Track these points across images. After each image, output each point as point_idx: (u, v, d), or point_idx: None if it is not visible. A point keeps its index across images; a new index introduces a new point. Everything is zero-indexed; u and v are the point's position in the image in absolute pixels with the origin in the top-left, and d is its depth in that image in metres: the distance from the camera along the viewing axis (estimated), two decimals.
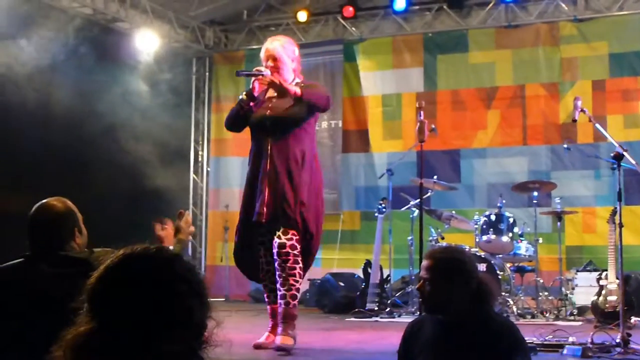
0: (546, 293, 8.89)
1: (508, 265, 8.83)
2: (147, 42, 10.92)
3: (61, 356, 1.69)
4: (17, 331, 3.16)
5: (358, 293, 9.56)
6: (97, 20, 10.41)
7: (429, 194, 9.46)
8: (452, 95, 11.38)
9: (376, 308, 9.14)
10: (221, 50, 12.86)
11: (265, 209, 5.80)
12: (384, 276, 9.50)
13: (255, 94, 5.97)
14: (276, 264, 5.80)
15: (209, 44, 12.69)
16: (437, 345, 3.77)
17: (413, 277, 9.29)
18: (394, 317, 8.85)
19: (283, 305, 5.80)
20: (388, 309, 9.08)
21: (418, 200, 8.63)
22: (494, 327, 3.76)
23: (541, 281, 8.93)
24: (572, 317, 8.42)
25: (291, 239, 5.80)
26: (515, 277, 8.93)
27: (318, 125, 11.97)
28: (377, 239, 9.54)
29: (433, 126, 8.70)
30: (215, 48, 12.81)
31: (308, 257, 6.06)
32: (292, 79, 5.99)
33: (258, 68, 6.00)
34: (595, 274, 8.50)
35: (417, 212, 9.25)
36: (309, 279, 10.89)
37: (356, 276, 10.01)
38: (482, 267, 8.38)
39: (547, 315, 8.52)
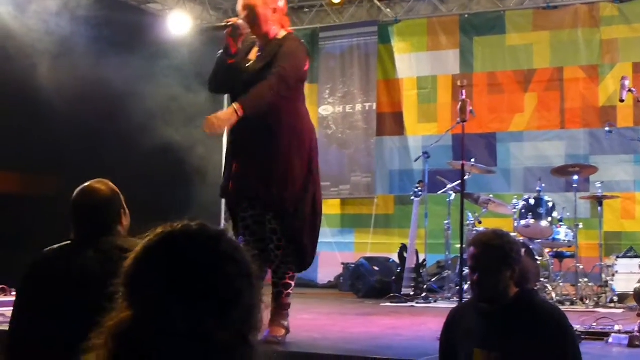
0: (586, 279, 8.74)
1: (547, 250, 8.70)
2: (180, 23, 10.83)
3: (102, 345, 1.57)
4: (59, 318, 3.08)
5: (393, 278, 9.46)
6: (127, 2, 10.34)
7: (465, 177, 9.33)
8: (489, 77, 11.23)
9: (412, 293, 9.06)
10: None
11: (232, 185, 5.35)
12: (420, 261, 9.38)
13: (233, 50, 5.24)
14: (270, 250, 5.32)
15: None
16: (481, 332, 3.69)
17: (449, 262, 9.20)
18: (430, 303, 8.78)
19: (284, 297, 5.36)
20: (424, 294, 9.01)
21: (456, 183, 8.56)
22: (540, 313, 3.68)
23: (581, 267, 8.78)
24: (612, 305, 8.27)
25: (277, 225, 5.29)
26: (554, 262, 8.79)
27: (351, 107, 11.91)
28: (413, 223, 9.43)
29: (471, 108, 8.59)
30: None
31: (297, 238, 5.37)
32: (274, 32, 5.33)
33: (228, 20, 5.35)
34: (636, 261, 8.42)
35: (453, 195, 9.17)
36: (342, 263, 10.85)
37: (391, 260, 9.92)
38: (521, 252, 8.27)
39: (587, 302, 8.38)
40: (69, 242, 3.33)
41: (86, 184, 3.38)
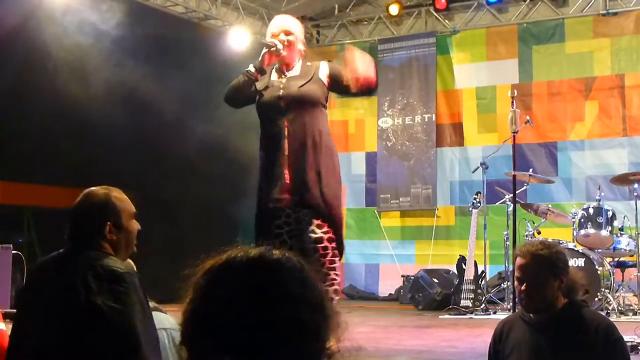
0: None
1: (608, 260, 8.60)
2: (239, 39, 10.99)
3: None
4: (35, 332, 3.05)
5: (452, 289, 9.45)
6: (189, 19, 10.54)
7: (524, 187, 9.28)
8: (548, 86, 11.14)
9: (470, 305, 9.02)
10: (313, 46, 12.87)
11: (287, 194, 5.46)
12: (479, 272, 9.34)
13: (264, 67, 5.50)
14: (315, 259, 5.40)
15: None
16: (530, 344, 3.69)
17: (509, 273, 9.14)
18: (489, 314, 8.75)
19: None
20: (483, 306, 8.97)
21: (515, 193, 8.51)
22: (590, 326, 3.66)
23: None
24: None
25: (328, 232, 5.45)
26: (615, 272, 8.67)
27: (411, 119, 11.94)
28: (472, 234, 9.41)
29: (528, 118, 8.54)
30: (307, 43, 12.80)
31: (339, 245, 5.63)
32: (296, 60, 5.58)
33: (274, 39, 5.50)
34: None
35: (512, 206, 9.11)
36: (402, 275, 10.87)
37: (450, 272, 9.89)
38: (580, 261, 8.20)
39: None
40: (61, 250, 3.22)
41: (92, 188, 3.26)
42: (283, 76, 5.57)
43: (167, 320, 3.90)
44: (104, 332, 2.86)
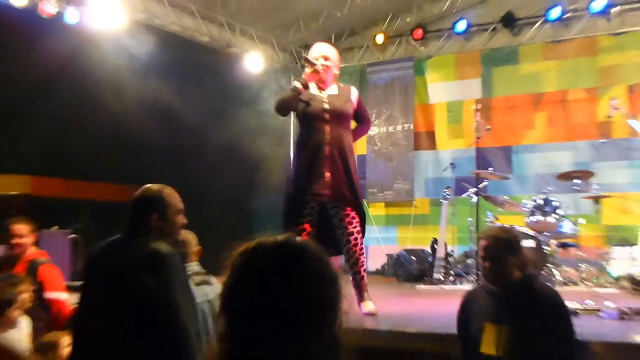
0: (586, 264, 8.55)
1: (553, 241, 8.54)
2: (254, 63, 10.95)
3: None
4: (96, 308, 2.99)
5: (427, 265, 9.39)
6: (212, 47, 10.48)
7: (485, 183, 9.21)
8: (505, 100, 11.06)
9: (442, 277, 8.97)
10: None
11: (328, 190, 5.55)
12: (449, 251, 9.29)
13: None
14: (348, 247, 5.68)
15: (304, 63, 12.62)
16: (492, 310, 3.66)
17: (473, 252, 9.09)
18: (456, 285, 8.70)
19: (365, 279, 5.82)
20: (452, 278, 8.92)
21: (477, 187, 8.46)
22: (540, 296, 3.65)
23: (582, 254, 8.63)
24: (608, 286, 8.06)
25: (356, 226, 5.66)
26: (559, 251, 8.65)
27: (393, 128, 11.88)
28: (443, 221, 9.38)
29: (488, 126, 8.48)
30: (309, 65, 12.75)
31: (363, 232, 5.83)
32: (329, 83, 5.74)
33: (315, 62, 5.67)
34: (629, 249, 8.20)
35: (475, 198, 9.06)
36: (386, 254, 10.82)
37: (425, 251, 9.84)
38: (531, 243, 8.14)
39: (587, 283, 8.20)
40: (117, 235, 3.18)
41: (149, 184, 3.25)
42: (322, 92, 5.62)
43: (212, 292, 3.83)
44: (149, 303, 2.83)
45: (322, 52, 5.79)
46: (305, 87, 5.60)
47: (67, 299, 5.28)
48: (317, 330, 1.42)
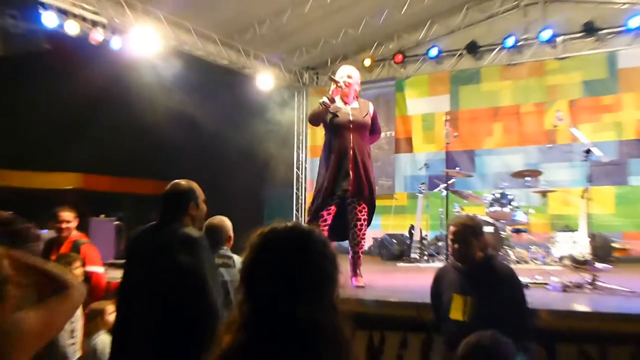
0: (535, 247, 8.54)
1: (509, 227, 8.52)
2: (265, 82, 10.92)
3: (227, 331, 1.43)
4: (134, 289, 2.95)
5: (405, 247, 9.38)
6: (231, 68, 10.46)
7: (453, 180, 9.20)
8: (470, 113, 11.03)
9: (418, 257, 8.96)
10: (313, 87, 12.80)
11: (351, 187, 5.58)
12: (423, 235, 9.28)
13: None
14: (354, 230, 5.73)
15: (306, 82, 12.64)
16: (459, 283, 3.66)
17: (443, 236, 9.08)
18: (429, 263, 8.66)
19: (361, 259, 5.83)
20: (426, 258, 8.90)
21: (446, 184, 8.46)
22: (498, 272, 3.65)
23: (532, 238, 8.63)
24: (553, 264, 8.06)
25: (364, 214, 5.73)
26: (514, 236, 8.63)
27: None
28: (418, 211, 9.37)
29: (456, 134, 8.46)
30: (309, 85, 12.76)
31: (369, 221, 5.91)
32: (351, 98, 5.74)
33: (338, 81, 5.66)
34: (570, 234, 8.19)
35: (445, 192, 9.05)
36: (372, 237, 10.78)
37: (404, 235, 9.83)
38: (490, 229, 8.13)
39: (537, 262, 8.18)
40: (153, 222, 3.11)
41: (177, 180, 3.19)
42: (347, 105, 5.63)
43: (228, 274, 3.74)
44: (184, 278, 2.79)
45: (347, 72, 5.82)
46: (332, 101, 5.62)
47: (103, 272, 5.29)
48: (319, 298, 1.42)
